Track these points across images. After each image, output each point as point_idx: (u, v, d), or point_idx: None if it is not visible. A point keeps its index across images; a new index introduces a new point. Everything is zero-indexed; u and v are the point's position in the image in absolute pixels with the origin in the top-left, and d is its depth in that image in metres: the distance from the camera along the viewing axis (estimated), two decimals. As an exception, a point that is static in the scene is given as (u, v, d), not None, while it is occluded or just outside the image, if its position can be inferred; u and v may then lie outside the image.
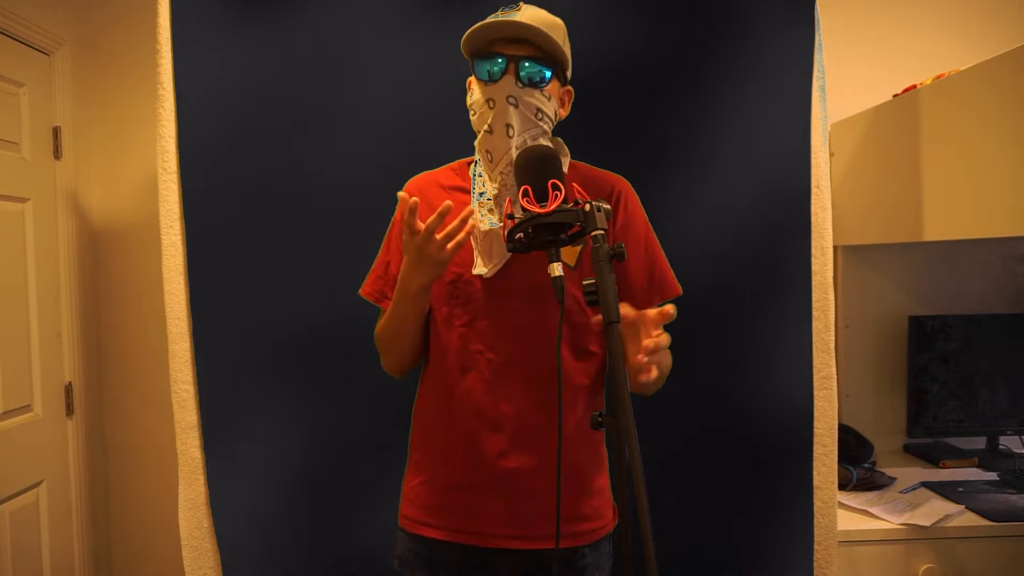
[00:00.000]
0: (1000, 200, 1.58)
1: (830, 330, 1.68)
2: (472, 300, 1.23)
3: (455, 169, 1.33)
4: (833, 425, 1.69)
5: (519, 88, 1.17)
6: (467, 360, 1.23)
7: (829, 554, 1.69)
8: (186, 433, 1.69)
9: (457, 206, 1.26)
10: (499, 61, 1.16)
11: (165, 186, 1.68)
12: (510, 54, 1.16)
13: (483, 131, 1.21)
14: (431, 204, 1.28)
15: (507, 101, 1.16)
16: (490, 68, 1.17)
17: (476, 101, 1.21)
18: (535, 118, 1.19)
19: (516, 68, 1.16)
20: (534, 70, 1.17)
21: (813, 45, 1.67)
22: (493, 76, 1.17)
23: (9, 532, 1.92)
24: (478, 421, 1.23)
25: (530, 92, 1.17)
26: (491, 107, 1.18)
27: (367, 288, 1.35)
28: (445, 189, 1.30)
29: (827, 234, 1.69)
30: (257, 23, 1.69)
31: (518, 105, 1.17)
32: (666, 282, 1.29)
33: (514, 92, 1.16)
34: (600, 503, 1.27)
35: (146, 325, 2.27)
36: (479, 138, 1.23)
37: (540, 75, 1.17)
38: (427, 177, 1.34)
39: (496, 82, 1.17)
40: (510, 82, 1.16)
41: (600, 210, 1.01)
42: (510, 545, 1.22)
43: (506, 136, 1.18)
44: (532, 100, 1.18)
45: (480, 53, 1.19)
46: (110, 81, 2.28)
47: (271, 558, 1.73)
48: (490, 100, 1.17)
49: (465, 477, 1.24)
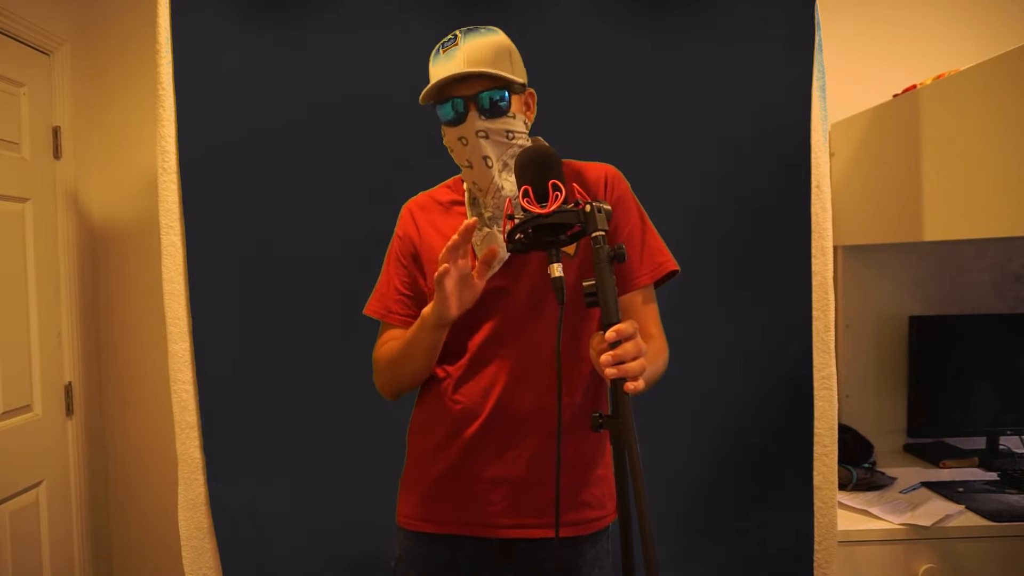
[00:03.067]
0: (1000, 200, 1.58)
1: (830, 330, 1.68)
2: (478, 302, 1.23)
3: (450, 185, 1.35)
4: (833, 425, 1.69)
5: (484, 121, 1.19)
6: (471, 357, 1.24)
7: (829, 554, 1.69)
8: (186, 433, 1.69)
9: (455, 218, 1.28)
10: (457, 104, 1.19)
11: (165, 186, 1.68)
12: (465, 95, 1.19)
13: (464, 167, 1.24)
14: (433, 223, 1.31)
15: (477, 136, 1.20)
16: (452, 112, 1.20)
17: (449, 141, 1.24)
18: (508, 140, 1.21)
19: (476, 104, 1.19)
20: (493, 96, 1.19)
21: (813, 45, 1.67)
22: (457, 117, 1.20)
23: (9, 532, 1.92)
24: (479, 416, 1.23)
25: (495, 120, 1.20)
26: (464, 144, 1.21)
27: (372, 307, 1.35)
28: (443, 205, 1.32)
29: (827, 234, 1.69)
30: (257, 23, 1.69)
31: (488, 136, 1.20)
32: (658, 260, 1.29)
33: (480, 126, 1.19)
34: (602, 492, 1.27)
35: (146, 325, 2.27)
36: (463, 172, 1.26)
37: (500, 99, 1.20)
38: (425, 197, 1.37)
39: (461, 122, 1.20)
40: (474, 118, 1.19)
41: (601, 211, 1.01)
42: (509, 535, 1.23)
43: (486, 168, 1.21)
44: (500, 126, 1.20)
45: (438, 100, 1.22)
46: (110, 81, 2.28)
47: (271, 558, 1.73)
48: (462, 138, 1.20)
49: (465, 470, 1.24)
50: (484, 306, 1.22)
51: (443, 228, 1.29)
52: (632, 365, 0.96)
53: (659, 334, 1.27)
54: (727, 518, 1.72)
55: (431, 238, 1.30)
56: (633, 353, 0.97)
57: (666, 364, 1.25)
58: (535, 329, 1.23)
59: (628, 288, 1.26)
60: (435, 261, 1.27)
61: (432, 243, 1.29)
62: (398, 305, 1.33)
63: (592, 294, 0.99)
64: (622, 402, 0.96)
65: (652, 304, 1.30)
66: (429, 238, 1.30)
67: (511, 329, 1.23)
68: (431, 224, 1.31)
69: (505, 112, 1.20)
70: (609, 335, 0.96)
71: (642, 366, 0.98)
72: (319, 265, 1.71)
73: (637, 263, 1.27)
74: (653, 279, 1.28)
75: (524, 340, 1.23)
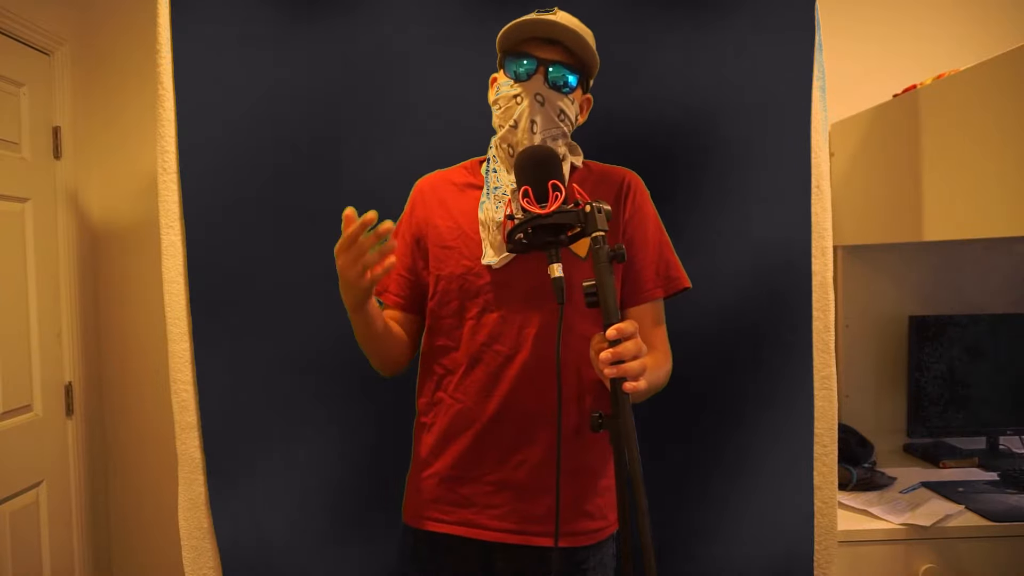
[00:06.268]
0: (1000, 200, 1.58)
1: (830, 330, 1.68)
2: (482, 293, 1.23)
3: (467, 167, 1.35)
4: (833, 425, 1.69)
5: (546, 88, 1.20)
6: (475, 352, 1.23)
7: (829, 554, 1.69)
8: (186, 433, 1.69)
9: (468, 201, 1.27)
10: (529, 61, 1.20)
11: (165, 186, 1.68)
12: (541, 56, 1.19)
13: (507, 126, 1.23)
14: (444, 201, 1.30)
15: (535, 98, 1.20)
16: (520, 67, 1.20)
17: (503, 96, 1.23)
18: (558, 118, 1.21)
19: (545, 70, 1.20)
20: (561, 74, 1.20)
21: (813, 45, 1.67)
22: (522, 75, 1.20)
23: (9, 532, 1.92)
24: (483, 414, 1.23)
25: (556, 93, 1.20)
26: (518, 103, 1.20)
27: None
28: (458, 186, 1.31)
29: (827, 234, 1.69)
30: (257, 23, 1.69)
31: (544, 104, 1.20)
32: (672, 275, 1.29)
33: (542, 90, 1.20)
34: (605, 503, 1.27)
35: (146, 325, 2.27)
36: (500, 133, 1.25)
37: (566, 80, 1.21)
38: (439, 176, 1.36)
39: (526, 80, 1.20)
40: (539, 81, 1.20)
41: (600, 211, 1.01)
42: (510, 540, 1.22)
43: (530, 132, 1.20)
44: (558, 102, 1.21)
45: (512, 52, 1.22)
46: (110, 81, 2.28)
47: (271, 558, 1.73)
48: (518, 96, 1.20)
49: (469, 470, 1.24)
50: (485, 306, 1.22)
51: (453, 209, 1.28)
52: (631, 364, 0.96)
53: (664, 347, 1.27)
54: (727, 518, 1.71)
55: (438, 218, 1.28)
56: (633, 352, 0.97)
57: (668, 376, 1.24)
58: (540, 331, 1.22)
59: (639, 300, 1.26)
60: (437, 245, 1.27)
61: (438, 224, 1.28)
62: (395, 285, 1.33)
63: (592, 294, 0.99)
64: (621, 402, 0.96)
65: (661, 318, 1.30)
66: (436, 219, 1.29)
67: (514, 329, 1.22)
68: (441, 203, 1.30)
69: (567, 93, 1.21)
70: (610, 333, 0.96)
71: (642, 365, 0.98)
72: (319, 265, 1.71)
73: (651, 275, 1.26)
74: (666, 293, 1.28)
75: (530, 342, 1.22)
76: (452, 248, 1.26)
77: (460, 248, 1.25)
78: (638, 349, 0.98)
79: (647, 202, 1.30)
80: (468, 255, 1.24)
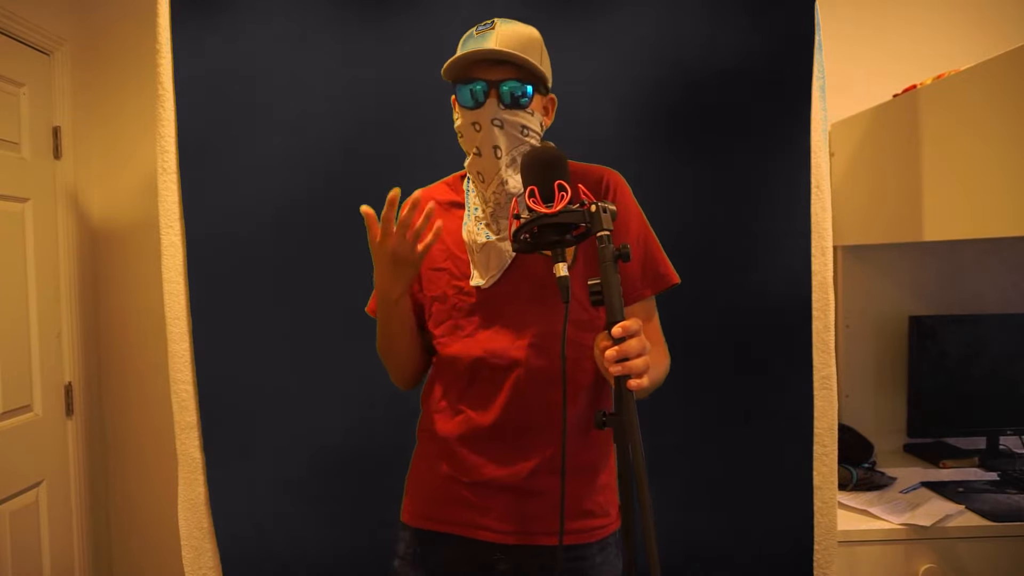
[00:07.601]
0: (1000, 200, 1.59)
1: (830, 330, 1.69)
2: (475, 311, 1.24)
3: (449, 184, 1.34)
4: (833, 425, 1.69)
5: (502, 110, 1.16)
6: (473, 366, 1.24)
7: (829, 554, 1.69)
8: (186, 433, 1.69)
9: (453, 220, 1.27)
10: (480, 86, 1.16)
11: (165, 186, 1.68)
12: (490, 78, 1.16)
13: (472, 153, 1.21)
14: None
15: (492, 124, 1.17)
16: (472, 93, 1.17)
17: (462, 125, 1.21)
18: (521, 135, 1.19)
19: (497, 90, 1.16)
20: (516, 89, 1.17)
21: (813, 45, 1.67)
22: (476, 101, 1.17)
23: (9, 532, 1.92)
24: (484, 422, 1.23)
25: (514, 112, 1.17)
26: (477, 130, 1.18)
27: (372, 305, 1.35)
28: (442, 206, 1.30)
29: (827, 234, 1.69)
30: (257, 23, 1.69)
31: (503, 126, 1.17)
32: (660, 272, 1.28)
33: (498, 114, 1.16)
34: (605, 500, 1.27)
35: (146, 325, 2.27)
36: (468, 160, 1.23)
37: (523, 91, 1.17)
38: (424, 194, 1.35)
39: (480, 107, 1.17)
40: (493, 105, 1.16)
41: (606, 211, 1.01)
42: (511, 541, 1.22)
43: (494, 158, 1.18)
44: (517, 119, 1.18)
45: (460, 79, 1.19)
46: (110, 81, 2.28)
47: (271, 558, 1.73)
48: (475, 124, 1.18)
49: (470, 473, 1.24)
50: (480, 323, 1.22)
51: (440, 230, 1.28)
52: (636, 362, 0.97)
53: (661, 343, 1.27)
54: (727, 518, 1.71)
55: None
56: (637, 350, 0.97)
57: (667, 372, 1.24)
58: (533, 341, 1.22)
59: (628, 301, 1.25)
60: (428, 267, 1.28)
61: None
62: None
63: (597, 292, 0.99)
64: (626, 399, 0.96)
65: (654, 315, 1.29)
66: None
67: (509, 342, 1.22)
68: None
69: (525, 107, 1.18)
70: (615, 330, 0.96)
71: (646, 363, 0.98)
72: (319, 264, 1.71)
73: (639, 274, 1.26)
74: (655, 291, 1.27)
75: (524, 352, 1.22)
76: (443, 270, 1.27)
77: (450, 269, 1.26)
78: (642, 347, 0.98)
79: (630, 200, 1.29)
80: (458, 275, 1.25)
